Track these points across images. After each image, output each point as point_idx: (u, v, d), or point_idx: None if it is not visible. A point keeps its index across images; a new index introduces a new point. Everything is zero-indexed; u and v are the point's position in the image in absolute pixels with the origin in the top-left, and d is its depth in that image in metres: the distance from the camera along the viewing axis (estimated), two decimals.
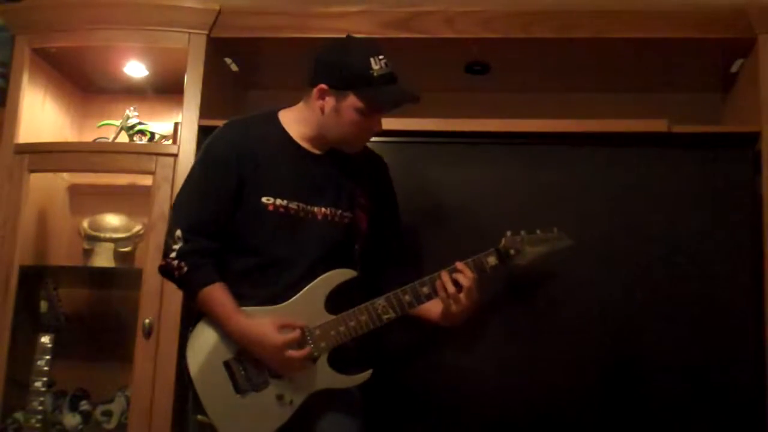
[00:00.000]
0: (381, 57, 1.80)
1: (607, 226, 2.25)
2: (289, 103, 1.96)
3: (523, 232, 1.93)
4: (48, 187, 2.78)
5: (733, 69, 2.51)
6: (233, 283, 1.82)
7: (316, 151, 1.91)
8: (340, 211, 1.89)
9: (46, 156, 2.57)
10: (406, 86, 1.84)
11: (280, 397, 1.79)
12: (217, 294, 1.79)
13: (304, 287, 1.82)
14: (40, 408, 2.27)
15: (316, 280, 1.83)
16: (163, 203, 2.42)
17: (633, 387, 2.17)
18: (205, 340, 1.83)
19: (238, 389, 1.79)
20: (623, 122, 2.34)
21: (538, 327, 2.22)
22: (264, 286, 1.83)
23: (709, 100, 2.70)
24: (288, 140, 1.89)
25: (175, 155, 2.47)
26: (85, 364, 2.72)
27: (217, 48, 2.59)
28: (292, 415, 1.80)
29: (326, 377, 1.82)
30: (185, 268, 1.80)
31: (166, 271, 1.84)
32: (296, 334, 1.77)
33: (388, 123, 2.39)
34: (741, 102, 2.51)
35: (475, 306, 1.88)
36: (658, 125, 2.29)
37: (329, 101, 1.83)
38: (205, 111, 2.49)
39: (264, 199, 1.83)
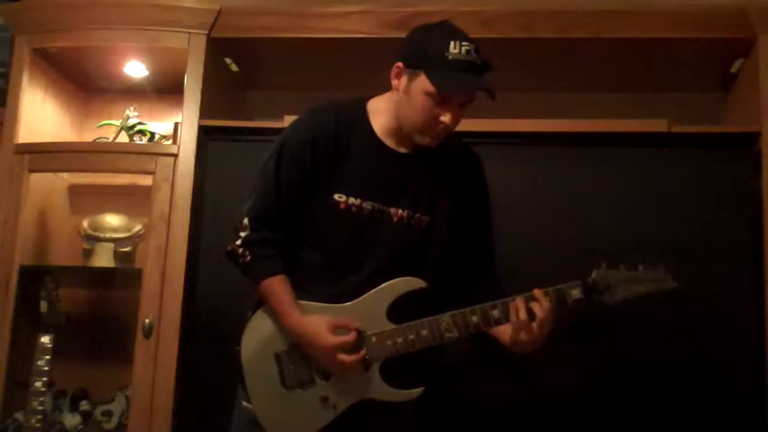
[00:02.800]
0: (465, 44, 1.68)
1: (607, 225, 2.25)
2: (289, 103, 1.95)
3: (622, 267, 1.74)
4: (48, 187, 2.78)
5: (733, 69, 2.51)
6: (300, 277, 1.78)
7: (400, 149, 1.81)
8: (418, 214, 1.80)
9: (46, 156, 2.56)
10: (488, 81, 1.72)
11: (324, 399, 1.75)
12: (277, 287, 1.75)
13: (370, 291, 1.76)
14: (40, 408, 2.27)
15: (381, 286, 1.75)
16: (163, 203, 2.42)
17: (632, 387, 2.17)
18: (261, 328, 1.79)
19: (285, 384, 1.76)
20: (623, 122, 2.34)
21: None
22: (329, 284, 1.78)
23: (709, 100, 2.70)
24: (371, 135, 1.81)
25: (175, 155, 2.46)
26: (85, 364, 2.72)
27: (217, 48, 2.59)
28: (334, 419, 1.75)
29: (375, 387, 1.75)
30: (249, 257, 1.77)
31: (231, 256, 1.81)
32: (350, 337, 1.71)
33: None
34: (741, 102, 2.51)
35: (546, 337, 1.73)
36: (658, 125, 2.29)
37: (403, 80, 1.74)
38: (205, 111, 2.49)
39: (336, 196, 1.77)
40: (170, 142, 2.61)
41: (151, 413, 2.30)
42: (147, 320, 2.35)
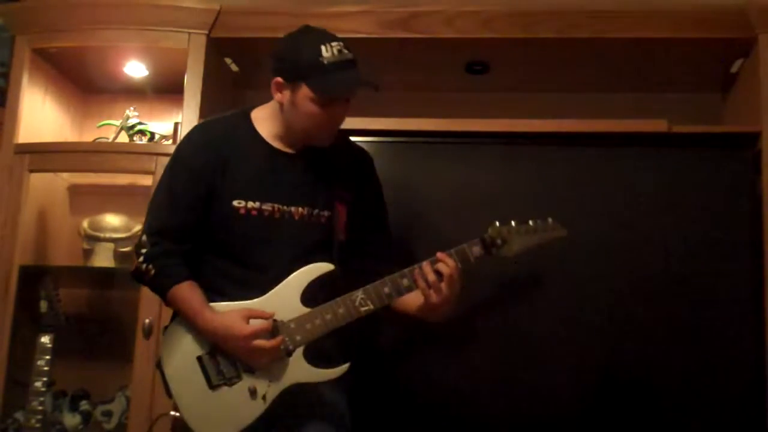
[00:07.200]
0: (335, 44, 1.73)
1: (607, 225, 2.25)
2: None
3: (513, 222, 1.83)
4: (48, 187, 2.78)
5: (733, 69, 2.51)
6: (213, 280, 1.81)
7: (290, 150, 1.86)
8: (317, 210, 1.85)
9: (46, 156, 2.57)
10: (365, 73, 1.76)
11: (252, 392, 1.75)
12: (185, 293, 1.78)
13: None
14: (40, 408, 2.26)
15: (292, 275, 1.78)
16: None
17: (632, 387, 2.17)
18: (178, 338, 1.81)
19: (211, 384, 1.77)
20: (623, 122, 2.35)
21: (537, 326, 2.22)
22: (242, 284, 1.80)
23: (709, 100, 2.70)
24: (259, 140, 1.85)
25: None
26: (85, 364, 2.72)
27: (217, 48, 2.59)
28: (265, 411, 1.75)
29: (301, 371, 1.76)
30: (153, 271, 1.79)
31: (137, 275, 1.83)
32: (265, 323, 1.73)
33: (388, 123, 2.39)
34: (741, 102, 2.51)
35: (456, 298, 1.78)
36: (658, 125, 2.30)
37: (285, 94, 1.78)
38: (205, 111, 2.49)
39: (235, 203, 1.80)
40: (170, 142, 2.61)
41: (151, 413, 2.30)
42: (147, 320, 2.35)
